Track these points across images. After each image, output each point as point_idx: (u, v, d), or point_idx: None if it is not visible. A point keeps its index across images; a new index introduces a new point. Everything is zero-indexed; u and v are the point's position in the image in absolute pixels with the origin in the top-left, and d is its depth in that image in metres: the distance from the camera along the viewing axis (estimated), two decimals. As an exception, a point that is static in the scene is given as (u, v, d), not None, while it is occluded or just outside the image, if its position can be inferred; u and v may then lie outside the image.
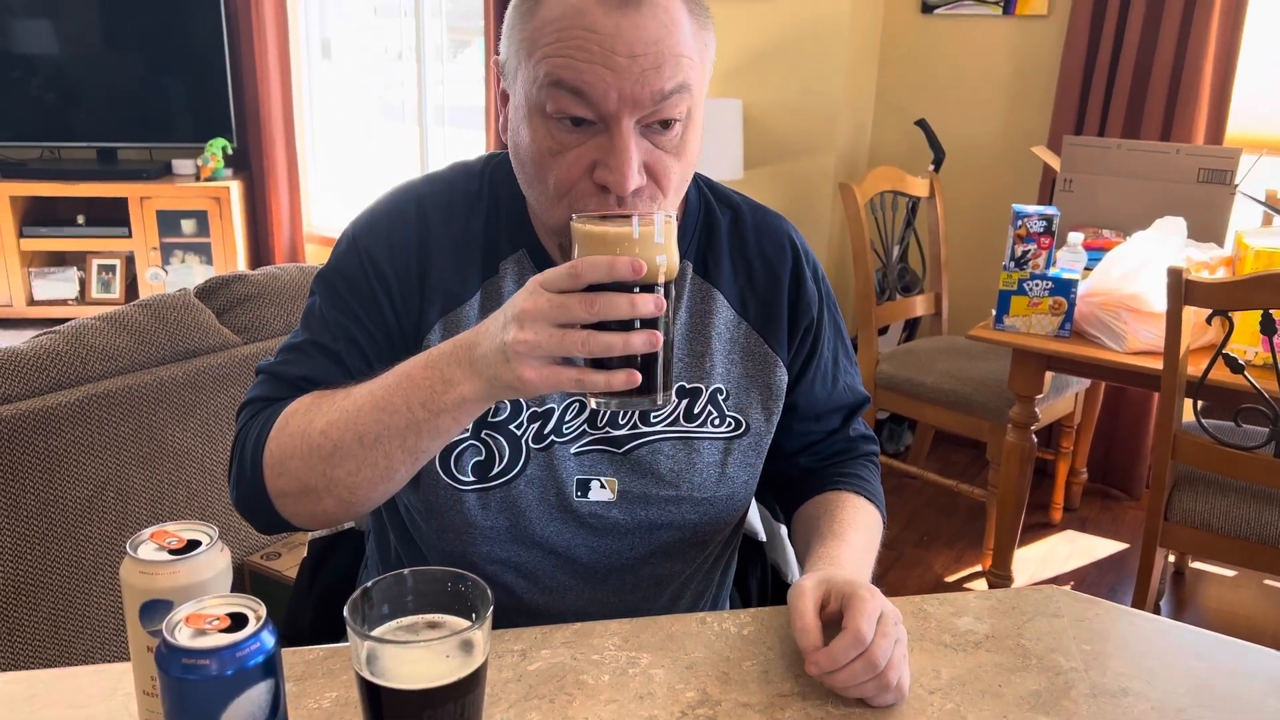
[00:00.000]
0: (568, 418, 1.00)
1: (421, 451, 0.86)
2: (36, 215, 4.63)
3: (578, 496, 1.00)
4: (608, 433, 1.01)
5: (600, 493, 1.01)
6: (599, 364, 0.77)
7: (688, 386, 1.03)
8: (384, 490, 0.89)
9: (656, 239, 0.78)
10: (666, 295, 0.78)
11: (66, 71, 4.63)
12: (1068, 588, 1.03)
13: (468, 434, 0.98)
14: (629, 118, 0.86)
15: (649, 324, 0.77)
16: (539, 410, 0.99)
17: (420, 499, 1.00)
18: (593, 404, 0.81)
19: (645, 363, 0.78)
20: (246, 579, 1.95)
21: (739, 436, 1.05)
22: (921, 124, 3.29)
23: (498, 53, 0.97)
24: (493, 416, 0.98)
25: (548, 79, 0.86)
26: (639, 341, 0.76)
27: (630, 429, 1.01)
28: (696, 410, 1.03)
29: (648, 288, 0.77)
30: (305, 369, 0.98)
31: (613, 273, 0.75)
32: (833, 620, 0.85)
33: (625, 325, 0.76)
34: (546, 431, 1.00)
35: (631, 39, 0.84)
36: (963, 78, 3.37)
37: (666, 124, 0.88)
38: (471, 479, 0.99)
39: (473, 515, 0.99)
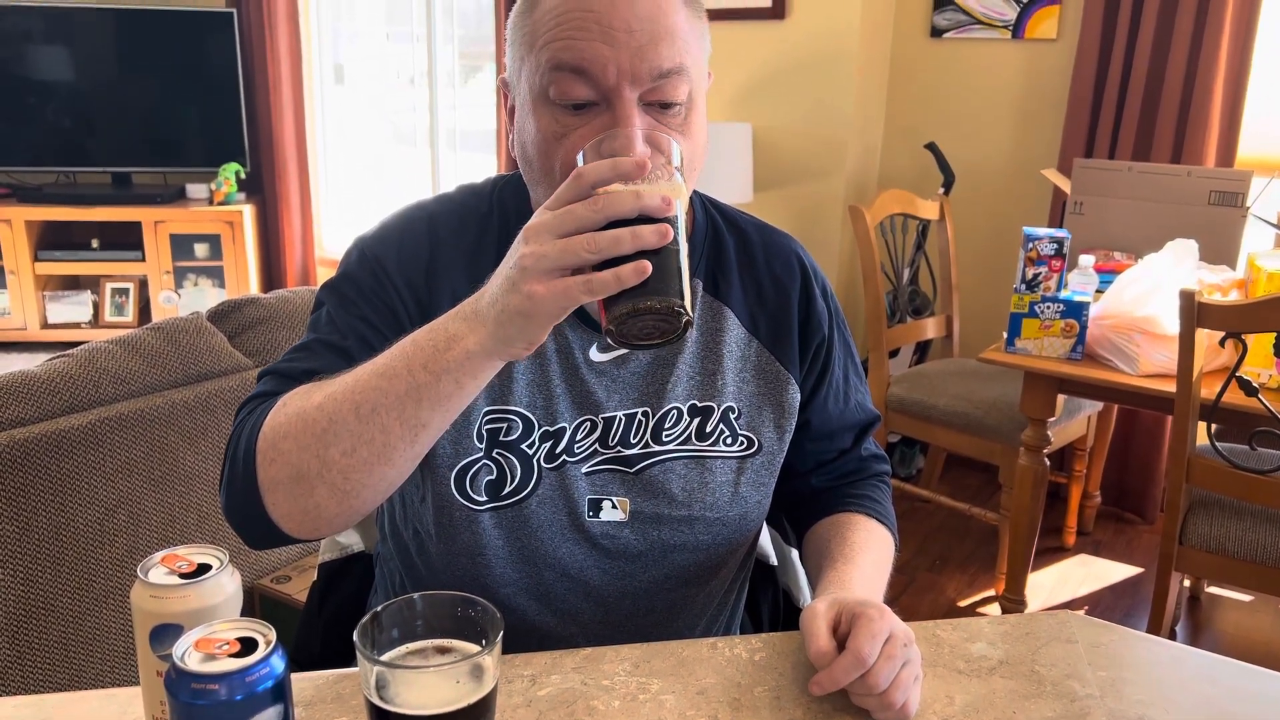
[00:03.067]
0: (579, 436, 1.00)
1: (421, 425, 0.80)
2: (51, 239, 4.67)
3: (589, 516, 1.00)
4: (619, 452, 1.01)
5: (612, 513, 1.00)
6: (608, 269, 0.72)
7: (699, 405, 1.03)
8: (380, 477, 0.82)
9: (664, 157, 0.78)
10: (677, 212, 0.74)
11: (82, 97, 4.68)
12: (1082, 612, 1.02)
13: (480, 454, 0.98)
14: (630, 91, 0.88)
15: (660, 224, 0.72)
16: (551, 430, 0.99)
17: (434, 521, 1.00)
18: (609, 325, 0.73)
19: (658, 263, 0.72)
20: (257, 602, 1.95)
21: (751, 455, 1.04)
22: (931, 147, 3.29)
23: (503, 72, 0.98)
24: (505, 436, 0.98)
25: (549, 64, 0.88)
26: (648, 232, 0.71)
27: (642, 448, 1.01)
28: (709, 429, 1.03)
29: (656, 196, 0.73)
30: (311, 364, 0.94)
31: (617, 170, 0.73)
32: (845, 642, 0.84)
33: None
34: (558, 450, 0.99)
35: (627, 14, 0.87)
36: (972, 101, 3.38)
37: (668, 105, 0.90)
38: (484, 498, 0.98)
39: (486, 536, 0.98)
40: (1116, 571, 2.93)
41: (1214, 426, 2.11)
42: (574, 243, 0.71)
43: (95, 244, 4.66)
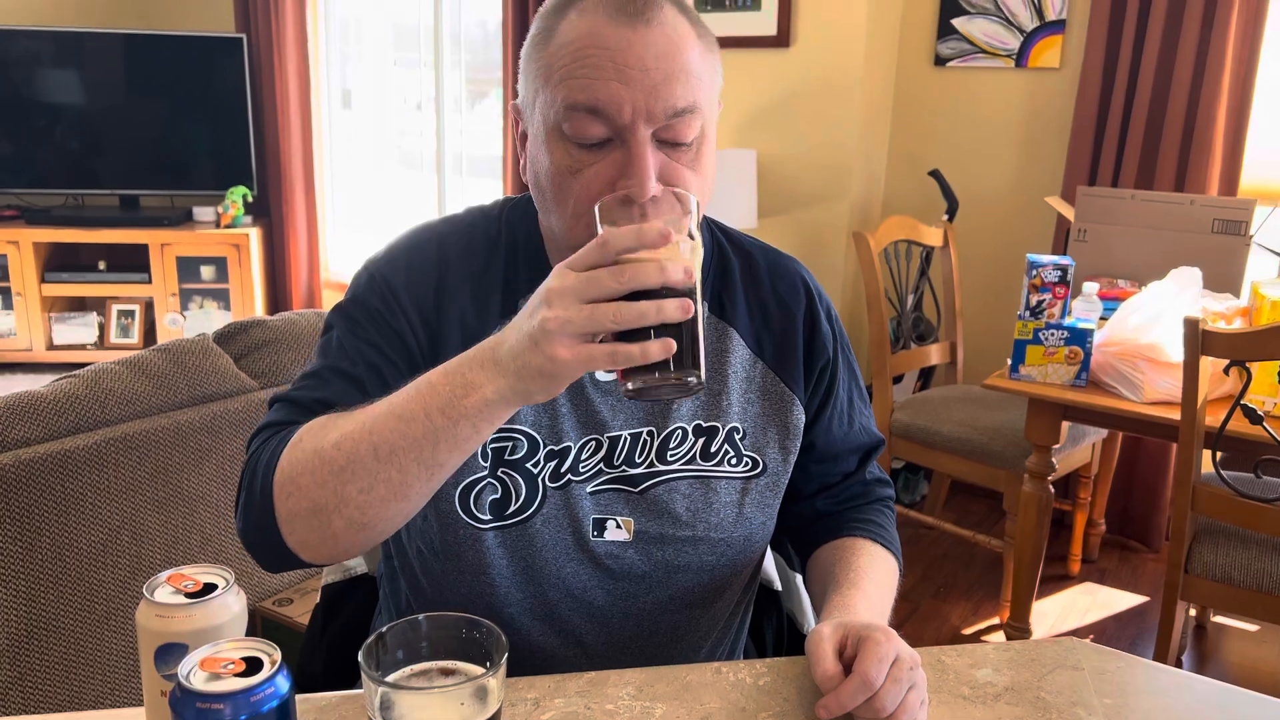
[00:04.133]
0: (584, 456, 1.00)
1: (437, 466, 0.82)
2: (59, 261, 4.70)
3: (594, 536, 1.00)
4: (624, 471, 1.01)
5: (616, 533, 1.00)
6: (631, 338, 0.75)
7: (704, 425, 1.03)
8: (396, 511, 0.84)
9: (682, 209, 0.80)
10: (697, 277, 0.77)
11: (91, 120, 4.72)
12: (1088, 640, 1.02)
13: (485, 472, 0.98)
14: (644, 129, 0.88)
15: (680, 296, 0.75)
16: (556, 449, 0.99)
17: (439, 539, 1.00)
18: (628, 386, 0.76)
19: (678, 335, 0.75)
20: (258, 625, 1.95)
21: (756, 476, 1.05)
22: (935, 174, 3.31)
23: (515, 97, 0.98)
24: (510, 455, 0.99)
25: (565, 102, 0.88)
26: (672, 308, 0.73)
27: (647, 467, 1.01)
28: (713, 449, 1.03)
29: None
30: (323, 393, 0.95)
31: (641, 239, 0.74)
32: (851, 665, 0.84)
33: (655, 297, 0.74)
34: (563, 470, 1.00)
35: (642, 53, 0.87)
36: (976, 129, 3.40)
37: (681, 143, 0.91)
38: (489, 517, 0.98)
39: (490, 555, 0.98)
40: (1121, 600, 2.92)
41: (1219, 454, 2.10)
42: (600, 312, 0.73)
43: (102, 266, 4.68)
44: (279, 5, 4.56)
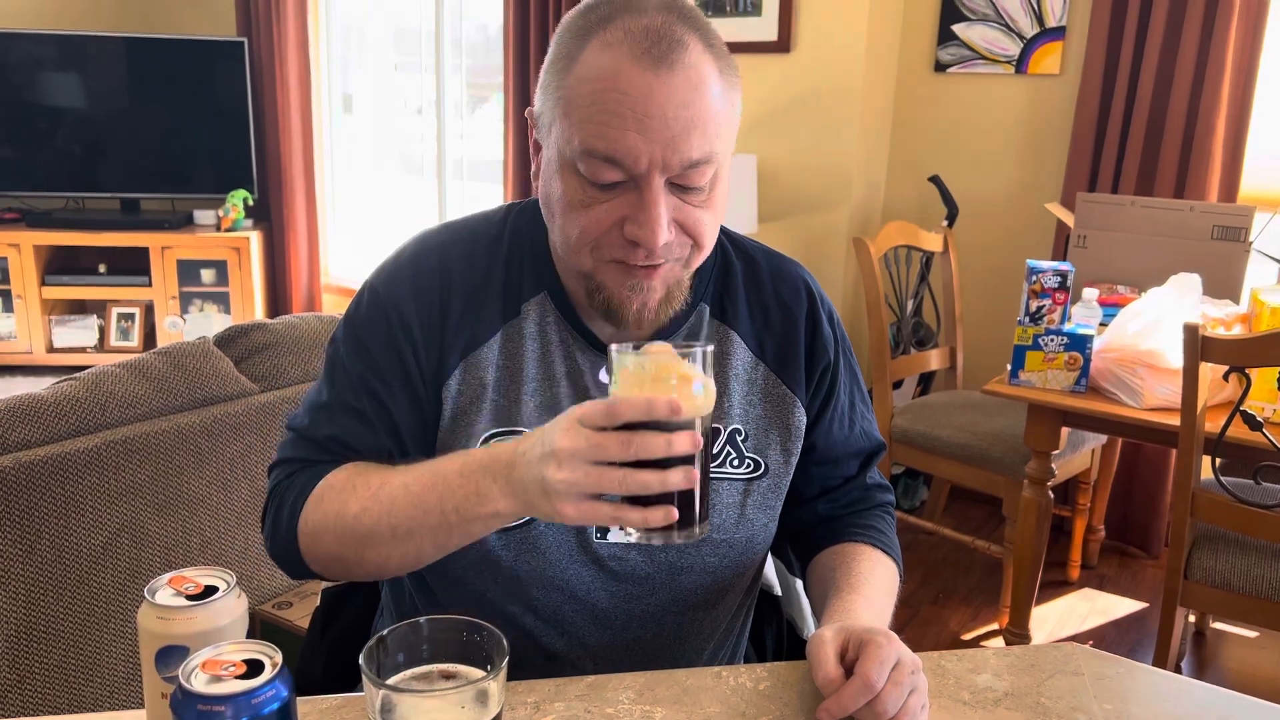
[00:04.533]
0: None
1: (451, 546, 0.91)
2: (59, 264, 4.70)
3: (598, 538, 1.00)
4: None
5: (620, 534, 1.00)
6: (636, 499, 0.78)
7: None
8: (412, 566, 0.95)
9: (694, 374, 0.80)
10: (707, 427, 0.80)
11: (93, 124, 4.72)
12: (1088, 646, 1.02)
13: None
14: (659, 178, 0.89)
15: (686, 459, 0.78)
16: None
17: None
18: (633, 536, 0.81)
19: (683, 498, 0.79)
20: (258, 629, 1.94)
21: (758, 478, 1.05)
22: (935, 180, 3.31)
23: (532, 104, 0.98)
24: None
25: (582, 146, 0.88)
26: (676, 480, 0.77)
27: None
28: (715, 450, 1.03)
29: (686, 424, 0.78)
30: (333, 429, 1.01)
31: (650, 412, 0.77)
32: (853, 668, 0.84)
33: (662, 462, 0.77)
34: None
35: (664, 102, 0.86)
36: (976, 135, 3.40)
37: (694, 187, 0.91)
38: None
39: (494, 557, 0.99)
40: (1121, 606, 2.92)
41: (1218, 460, 2.10)
42: (606, 477, 0.77)
43: (102, 269, 4.68)
44: (280, 9, 4.56)
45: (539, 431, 0.82)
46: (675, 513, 0.78)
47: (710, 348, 0.83)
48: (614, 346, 0.83)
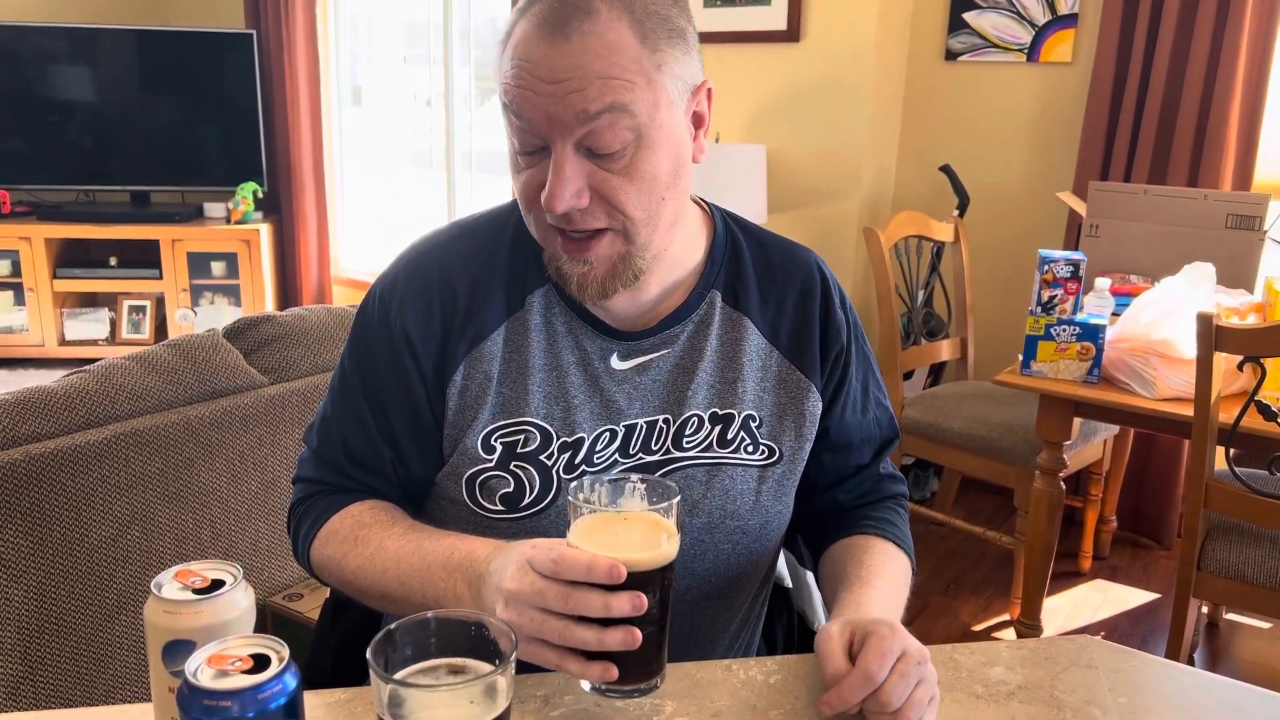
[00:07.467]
0: (599, 447, 1.00)
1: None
2: (70, 257, 4.71)
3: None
4: (640, 459, 1.01)
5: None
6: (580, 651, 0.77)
7: (720, 413, 1.03)
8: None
9: (661, 525, 0.79)
10: (662, 581, 0.78)
11: (103, 117, 4.73)
12: (1099, 638, 1.01)
13: (492, 465, 0.99)
14: (560, 141, 0.89)
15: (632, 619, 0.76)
16: (569, 440, 1.00)
17: (452, 529, 1.00)
18: (586, 687, 0.82)
19: (635, 651, 0.77)
20: (269, 620, 1.95)
21: (773, 465, 1.04)
22: (946, 169, 3.29)
23: None
24: (522, 448, 0.99)
25: (502, 104, 0.92)
26: (613, 640, 0.76)
27: (663, 454, 1.02)
28: (729, 436, 1.03)
29: (641, 580, 0.76)
30: (337, 444, 1.06)
31: (590, 575, 0.75)
32: (858, 661, 0.83)
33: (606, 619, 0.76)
34: (577, 461, 1.00)
35: (556, 65, 0.87)
36: (987, 124, 3.38)
37: (610, 151, 0.89)
38: (500, 509, 0.99)
39: None
40: (1133, 597, 2.90)
41: (1232, 451, 2.09)
42: (547, 627, 0.77)
43: (113, 261, 4.69)
44: (289, 2, 4.56)
45: (508, 550, 0.83)
46: (614, 671, 0.77)
47: (678, 499, 0.80)
48: (572, 489, 0.82)
